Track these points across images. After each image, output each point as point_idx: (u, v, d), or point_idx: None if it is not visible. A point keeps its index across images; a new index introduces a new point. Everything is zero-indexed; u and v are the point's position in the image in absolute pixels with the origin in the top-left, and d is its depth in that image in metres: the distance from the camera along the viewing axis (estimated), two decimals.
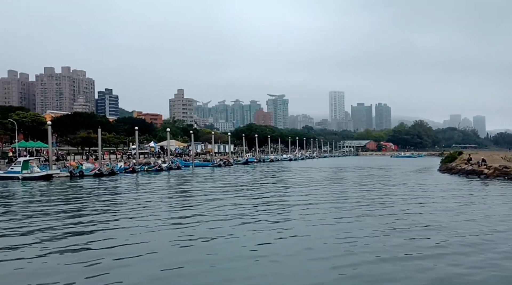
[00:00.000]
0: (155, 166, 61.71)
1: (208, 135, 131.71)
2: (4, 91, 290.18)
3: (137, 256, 12.68)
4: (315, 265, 11.64)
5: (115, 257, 12.43)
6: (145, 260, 12.28)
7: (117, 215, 21.00)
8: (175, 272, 11.13)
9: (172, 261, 12.04)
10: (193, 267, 11.50)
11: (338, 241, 14.41)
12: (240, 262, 12.01)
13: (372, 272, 10.98)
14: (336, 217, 19.37)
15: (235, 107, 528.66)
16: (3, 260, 12.31)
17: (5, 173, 44.53)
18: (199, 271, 11.16)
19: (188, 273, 11.07)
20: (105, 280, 10.38)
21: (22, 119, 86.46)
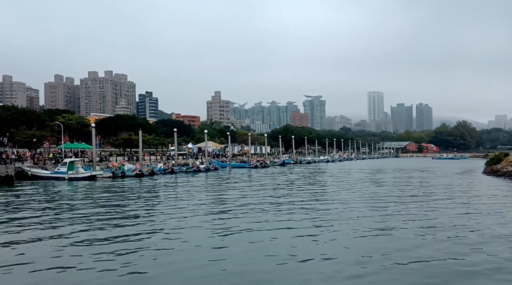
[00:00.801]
0: (193, 167, 62.83)
1: (244, 136, 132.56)
2: (51, 94, 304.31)
3: (180, 250, 13.05)
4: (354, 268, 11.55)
5: (156, 249, 12.88)
6: (191, 255, 12.62)
7: (157, 213, 21.77)
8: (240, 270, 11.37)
9: (236, 262, 12.30)
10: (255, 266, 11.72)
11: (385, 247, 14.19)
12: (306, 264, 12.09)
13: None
14: (379, 221, 19.05)
15: (271, 109, 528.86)
16: (59, 250, 13.02)
17: (52, 174, 46.62)
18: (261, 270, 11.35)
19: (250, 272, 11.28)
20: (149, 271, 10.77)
21: (67, 122, 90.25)
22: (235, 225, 17.99)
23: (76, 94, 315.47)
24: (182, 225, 18.06)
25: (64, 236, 16.00)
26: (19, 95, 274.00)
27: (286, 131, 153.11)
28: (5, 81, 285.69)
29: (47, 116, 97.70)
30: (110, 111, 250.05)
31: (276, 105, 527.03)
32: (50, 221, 19.54)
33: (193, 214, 21.43)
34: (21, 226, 18.33)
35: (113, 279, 10.80)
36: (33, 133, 70.70)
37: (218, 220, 19.33)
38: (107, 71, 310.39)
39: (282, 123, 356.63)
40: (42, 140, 73.25)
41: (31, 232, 16.97)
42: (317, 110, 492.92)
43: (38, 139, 69.87)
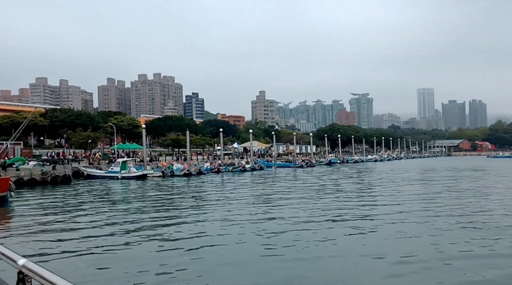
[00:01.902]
0: (239, 166, 63.62)
1: (289, 136, 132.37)
2: (104, 97, 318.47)
3: (225, 244, 13.35)
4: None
5: (206, 244, 13.26)
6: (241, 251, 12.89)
7: (205, 209, 22.49)
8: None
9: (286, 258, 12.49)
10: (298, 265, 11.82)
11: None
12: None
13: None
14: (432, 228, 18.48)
15: (316, 107, 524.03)
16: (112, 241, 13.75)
17: (106, 173, 48.88)
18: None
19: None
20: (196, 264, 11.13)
21: (119, 123, 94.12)
22: (280, 223, 18.09)
23: (127, 96, 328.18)
24: (229, 220, 18.42)
25: (120, 230, 16.83)
26: (74, 98, 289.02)
27: (332, 130, 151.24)
28: (62, 85, 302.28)
29: (101, 118, 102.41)
30: (158, 112, 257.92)
31: (321, 104, 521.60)
32: (106, 216, 20.57)
33: (240, 211, 21.79)
34: (83, 218, 19.45)
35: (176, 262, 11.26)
36: (88, 135, 74.32)
37: (264, 218, 19.51)
38: (156, 74, 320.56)
39: (328, 122, 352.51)
40: (96, 141, 76.81)
41: (92, 224, 18.00)
42: (364, 108, 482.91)
43: (92, 140, 73.36)
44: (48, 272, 2.11)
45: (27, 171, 41.98)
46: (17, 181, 35.33)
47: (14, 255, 2.41)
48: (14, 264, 2.31)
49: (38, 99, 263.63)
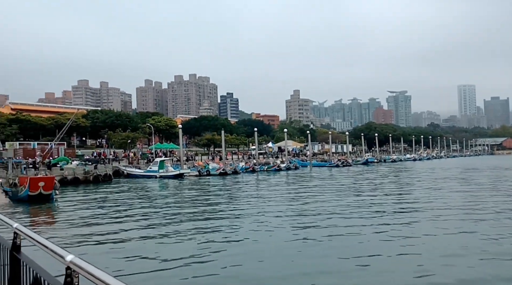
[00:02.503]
0: (274, 166, 63.59)
1: (325, 135, 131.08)
2: (142, 98, 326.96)
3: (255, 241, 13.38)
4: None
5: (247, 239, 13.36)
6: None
7: (241, 207, 22.74)
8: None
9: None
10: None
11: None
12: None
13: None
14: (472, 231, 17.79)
15: (352, 106, 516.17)
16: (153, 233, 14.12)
17: (145, 172, 50.12)
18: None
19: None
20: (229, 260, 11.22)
21: (157, 123, 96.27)
22: (316, 222, 17.93)
23: (164, 97, 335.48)
24: (265, 218, 18.45)
25: (160, 226, 17.22)
26: (114, 99, 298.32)
27: (369, 128, 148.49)
28: (102, 87, 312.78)
29: (139, 118, 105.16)
30: (194, 112, 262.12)
31: (357, 102, 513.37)
32: (146, 212, 21.11)
33: (274, 209, 21.81)
34: (124, 215, 20.05)
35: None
36: (127, 135, 76.46)
37: (299, 215, 19.40)
38: (191, 74, 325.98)
39: (364, 121, 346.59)
40: (135, 141, 78.90)
41: (132, 219, 18.53)
42: (402, 106, 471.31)
43: (131, 140, 75.42)
44: (94, 268, 2.17)
45: (71, 170, 43.70)
46: (61, 180, 36.79)
47: (62, 252, 2.50)
48: (62, 260, 2.40)
49: (80, 101, 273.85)
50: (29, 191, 26.74)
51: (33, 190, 26.75)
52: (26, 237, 3.24)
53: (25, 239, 3.30)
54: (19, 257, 3.32)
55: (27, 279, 3.07)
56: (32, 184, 26.87)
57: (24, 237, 3.30)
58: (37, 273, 2.84)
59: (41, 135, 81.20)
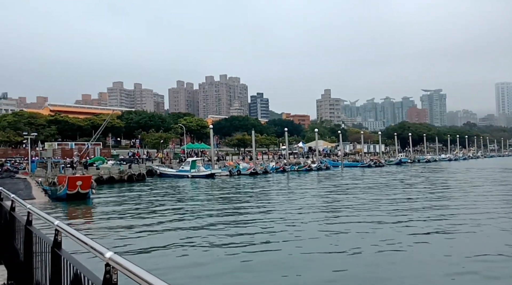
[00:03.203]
0: (304, 166, 63.20)
1: (356, 134, 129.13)
2: (174, 99, 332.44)
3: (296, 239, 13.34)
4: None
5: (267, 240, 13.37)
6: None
7: (273, 206, 22.78)
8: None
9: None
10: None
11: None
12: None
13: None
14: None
15: (385, 105, 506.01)
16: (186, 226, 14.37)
17: (177, 172, 50.90)
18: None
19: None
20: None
21: (188, 124, 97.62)
22: (348, 224, 17.70)
23: (195, 97, 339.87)
24: (295, 219, 18.39)
25: (192, 223, 17.48)
26: (147, 101, 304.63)
27: (402, 128, 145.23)
28: (136, 88, 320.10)
29: (171, 119, 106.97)
30: (225, 112, 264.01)
31: (390, 101, 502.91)
32: (179, 209, 21.46)
33: (307, 208, 21.70)
34: (158, 213, 20.47)
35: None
36: (160, 135, 77.90)
37: (331, 216, 19.22)
38: (222, 75, 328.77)
39: (397, 120, 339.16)
40: (167, 141, 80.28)
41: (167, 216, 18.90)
42: (436, 105, 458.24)
43: (164, 140, 76.78)
44: (133, 265, 2.22)
45: (106, 170, 44.96)
46: (97, 179, 37.91)
47: (102, 248, 2.56)
48: (102, 256, 2.46)
49: (115, 102, 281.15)
50: (67, 190, 27.70)
51: (71, 189, 27.68)
52: (66, 234, 3.34)
53: (66, 236, 3.42)
54: (60, 253, 3.42)
55: (67, 275, 3.16)
56: (71, 183, 27.81)
57: (65, 234, 3.40)
58: (77, 269, 2.92)
59: (78, 135, 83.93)
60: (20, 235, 5.27)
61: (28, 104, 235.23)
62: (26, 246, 4.78)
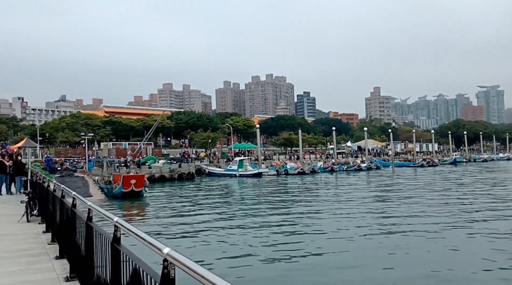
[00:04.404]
0: (354, 165, 61.96)
1: (408, 133, 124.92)
2: (221, 99, 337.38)
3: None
4: None
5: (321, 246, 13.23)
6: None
7: (321, 206, 22.59)
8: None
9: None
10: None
11: None
12: None
13: None
14: None
15: (438, 102, 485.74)
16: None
17: (225, 171, 51.58)
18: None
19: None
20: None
21: (235, 124, 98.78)
22: (401, 225, 17.16)
23: (241, 97, 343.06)
24: (344, 220, 18.09)
25: (240, 221, 17.69)
26: (195, 101, 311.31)
27: (457, 126, 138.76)
28: (185, 89, 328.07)
29: (219, 119, 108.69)
30: (271, 112, 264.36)
31: (443, 98, 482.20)
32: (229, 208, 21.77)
33: (357, 210, 21.28)
34: (209, 211, 20.90)
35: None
36: (208, 135, 79.37)
37: (382, 217, 18.71)
38: (268, 75, 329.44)
39: (451, 118, 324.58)
40: (215, 141, 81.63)
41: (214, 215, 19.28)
42: (493, 102, 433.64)
43: (212, 140, 78.14)
44: (190, 261, 2.26)
45: (158, 169, 46.41)
46: (149, 178, 39.19)
47: (159, 244, 2.63)
48: (160, 252, 2.52)
49: (165, 103, 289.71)
50: (122, 188, 28.87)
51: (126, 187, 28.82)
52: (125, 230, 3.44)
53: (124, 233, 3.55)
54: (119, 249, 3.54)
55: (126, 269, 3.26)
56: (125, 182, 28.96)
57: (123, 230, 3.51)
58: (135, 264, 3.00)
59: (131, 135, 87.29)
60: (81, 230, 5.49)
61: (84, 106, 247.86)
62: (87, 241, 4.97)
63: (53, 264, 6.63)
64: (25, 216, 10.89)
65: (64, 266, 6.42)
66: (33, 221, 10.81)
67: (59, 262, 6.73)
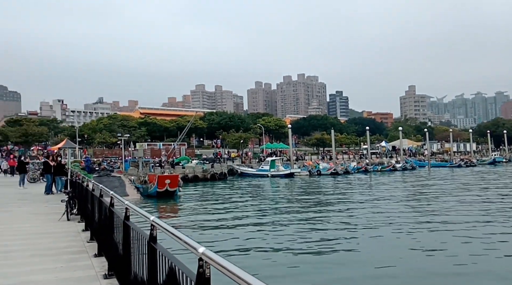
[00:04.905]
0: (388, 166, 60.66)
1: (444, 132, 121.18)
2: (253, 100, 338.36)
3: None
4: None
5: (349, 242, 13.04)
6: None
7: (354, 207, 22.17)
8: None
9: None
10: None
11: None
12: None
13: None
14: None
15: (476, 101, 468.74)
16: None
17: (257, 171, 51.68)
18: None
19: None
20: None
21: (267, 124, 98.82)
22: (440, 229, 16.66)
23: (273, 98, 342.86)
24: (379, 222, 17.72)
25: (275, 222, 17.70)
26: (227, 102, 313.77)
27: (496, 125, 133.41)
28: (217, 90, 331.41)
29: (250, 119, 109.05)
30: (303, 112, 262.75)
31: (481, 97, 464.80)
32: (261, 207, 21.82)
33: (394, 211, 20.83)
34: (242, 211, 21.04)
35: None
36: (240, 135, 79.80)
37: (420, 221, 18.21)
38: (300, 74, 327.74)
39: (490, 117, 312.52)
40: (247, 141, 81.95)
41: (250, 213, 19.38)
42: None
43: (244, 140, 78.49)
44: (225, 260, 2.28)
45: (191, 169, 47.09)
46: (183, 178, 39.75)
47: (195, 244, 2.66)
48: (195, 251, 2.55)
49: (198, 104, 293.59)
50: (157, 188, 29.45)
51: (160, 187, 29.38)
52: (161, 229, 3.50)
53: (160, 231, 3.62)
54: (156, 247, 3.61)
55: (163, 268, 3.32)
56: (160, 182, 29.52)
57: (160, 229, 3.57)
58: (172, 262, 3.06)
59: (165, 136, 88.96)
60: (119, 229, 5.62)
61: (121, 108, 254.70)
62: (124, 240, 5.07)
63: (92, 262, 6.84)
64: (65, 214, 11.27)
65: (102, 264, 6.61)
66: (73, 219, 11.19)
67: (98, 260, 6.94)
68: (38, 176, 26.16)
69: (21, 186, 21.20)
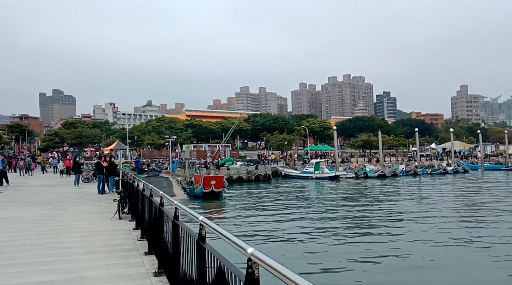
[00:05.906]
0: (439, 169, 58.36)
1: (499, 134, 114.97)
2: (297, 101, 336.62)
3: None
4: None
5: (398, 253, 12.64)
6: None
7: (403, 210, 21.47)
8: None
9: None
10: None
11: None
12: None
13: None
14: None
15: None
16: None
17: (301, 173, 51.32)
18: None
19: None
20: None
21: (311, 126, 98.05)
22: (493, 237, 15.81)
23: (317, 99, 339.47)
24: (429, 228, 17.07)
25: (319, 224, 17.53)
26: (271, 104, 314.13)
27: None
28: (261, 92, 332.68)
29: (294, 121, 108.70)
30: (348, 113, 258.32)
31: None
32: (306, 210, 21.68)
33: (443, 214, 20.03)
34: (287, 212, 21.03)
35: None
36: (284, 137, 79.65)
37: (473, 228, 17.39)
38: (345, 75, 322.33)
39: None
40: (291, 143, 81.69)
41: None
42: None
43: (288, 142, 78.29)
44: (273, 261, 2.27)
45: (236, 170, 47.57)
46: (228, 179, 40.21)
47: (244, 244, 2.68)
48: (244, 252, 2.57)
49: (242, 106, 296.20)
50: (203, 189, 30.01)
51: (206, 188, 29.91)
52: (210, 229, 3.56)
53: (209, 231, 3.67)
54: (204, 247, 3.67)
55: (211, 267, 3.37)
56: (206, 183, 30.05)
57: (208, 229, 3.63)
58: (220, 262, 3.09)
59: (210, 138, 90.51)
60: (168, 228, 5.76)
61: (168, 110, 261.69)
62: (174, 239, 5.16)
63: (142, 260, 7.06)
64: (117, 213, 11.69)
65: (152, 262, 6.81)
66: (124, 218, 11.59)
67: (148, 258, 7.15)
68: (91, 176, 27.36)
69: (76, 186, 22.25)
